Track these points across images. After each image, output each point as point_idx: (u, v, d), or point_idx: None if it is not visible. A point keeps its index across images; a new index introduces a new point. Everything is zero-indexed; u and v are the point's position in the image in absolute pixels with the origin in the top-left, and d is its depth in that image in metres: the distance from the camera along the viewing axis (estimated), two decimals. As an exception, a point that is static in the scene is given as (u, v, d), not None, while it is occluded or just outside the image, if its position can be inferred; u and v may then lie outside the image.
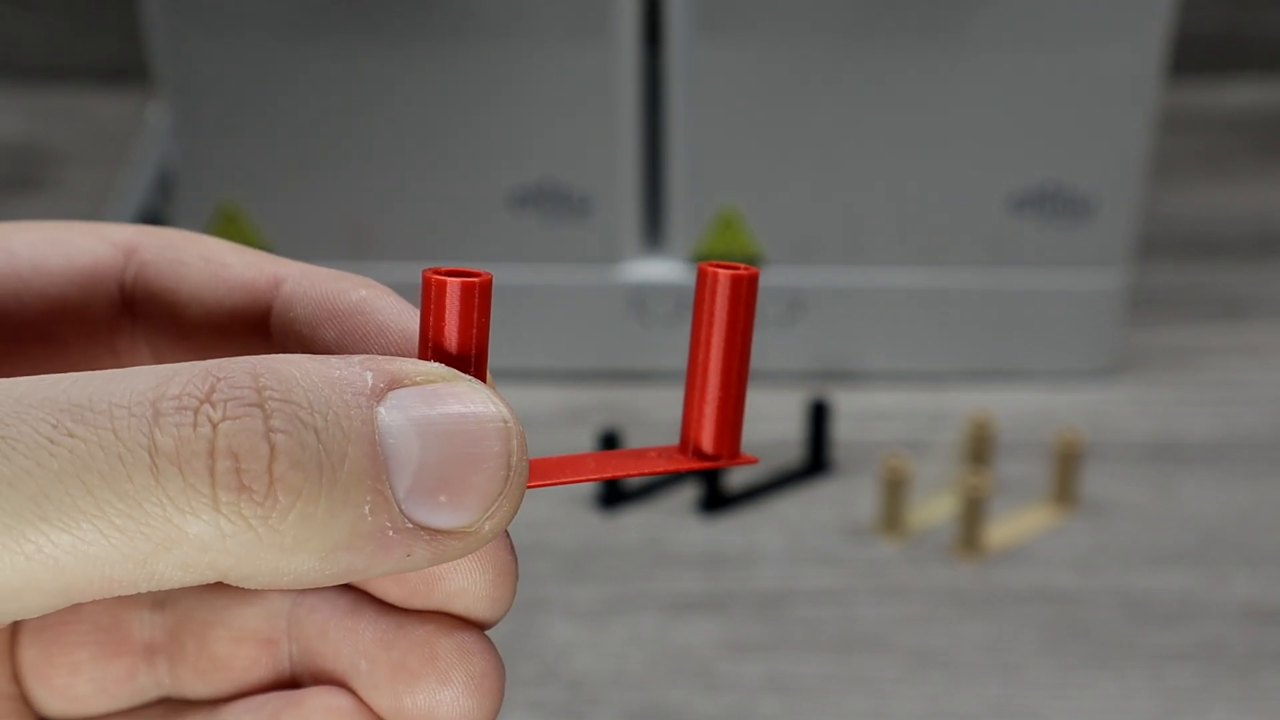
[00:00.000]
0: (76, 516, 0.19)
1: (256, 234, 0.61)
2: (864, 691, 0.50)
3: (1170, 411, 0.62)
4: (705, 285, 0.23)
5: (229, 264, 0.26)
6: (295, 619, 0.25)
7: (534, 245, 0.61)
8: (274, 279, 0.25)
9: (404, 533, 0.20)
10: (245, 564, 0.20)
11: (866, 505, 0.58)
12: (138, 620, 0.26)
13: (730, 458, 0.24)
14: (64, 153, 0.79)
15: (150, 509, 0.19)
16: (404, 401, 0.20)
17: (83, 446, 0.19)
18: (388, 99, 0.58)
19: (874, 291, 0.62)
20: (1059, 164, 0.59)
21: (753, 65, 0.57)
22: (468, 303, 0.22)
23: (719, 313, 0.23)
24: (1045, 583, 0.54)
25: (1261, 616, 0.53)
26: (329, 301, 0.24)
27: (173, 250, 0.26)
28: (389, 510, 0.20)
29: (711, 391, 0.24)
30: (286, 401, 0.20)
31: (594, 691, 0.50)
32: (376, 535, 0.20)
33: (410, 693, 0.23)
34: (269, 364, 0.20)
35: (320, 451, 0.19)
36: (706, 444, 0.24)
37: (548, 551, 0.56)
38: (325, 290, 0.25)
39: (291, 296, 0.25)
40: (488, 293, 0.22)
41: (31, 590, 0.19)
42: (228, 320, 0.26)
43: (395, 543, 0.20)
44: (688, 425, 0.24)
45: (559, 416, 0.62)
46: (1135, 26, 0.55)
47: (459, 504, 0.21)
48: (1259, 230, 0.73)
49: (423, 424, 0.20)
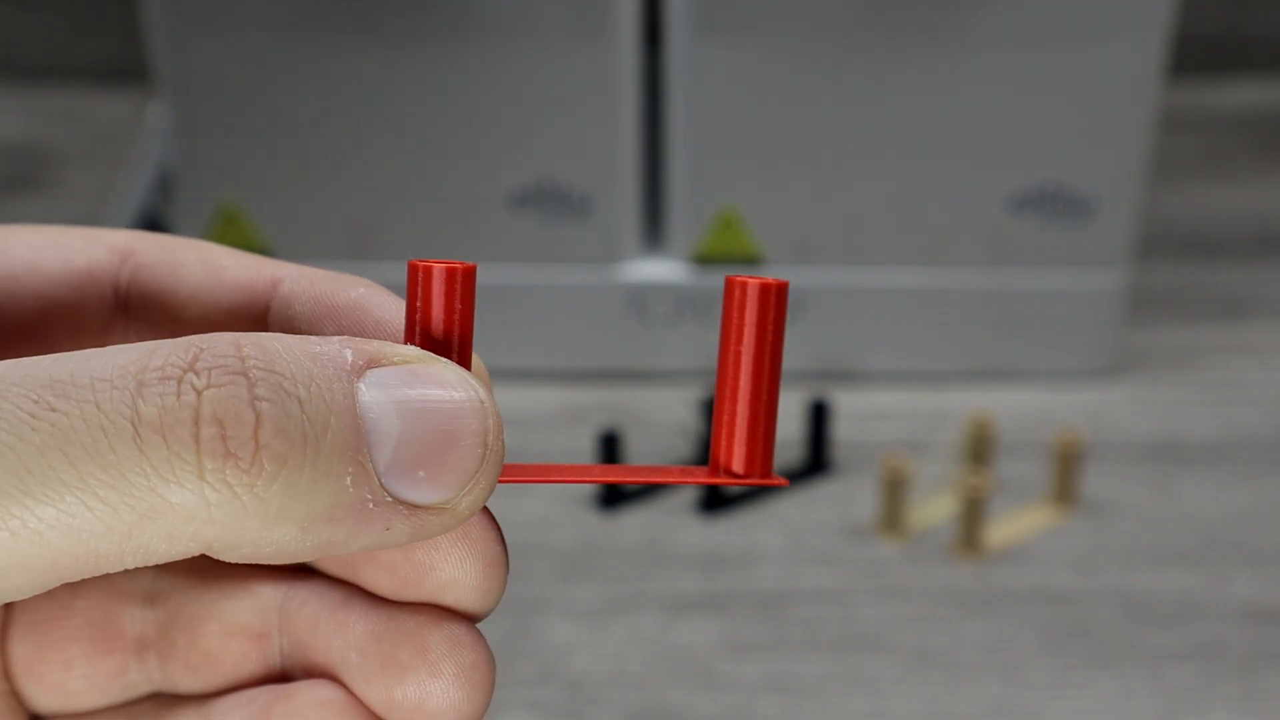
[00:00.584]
0: (60, 489, 0.19)
1: (256, 234, 0.61)
2: (864, 691, 0.50)
3: (1170, 411, 0.62)
4: (733, 297, 0.23)
5: (226, 266, 0.26)
6: (286, 613, 0.25)
7: (534, 245, 0.61)
8: (271, 280, 0.26)
9: (383, 506, 0.21)
10: (229, 534, 0.20)
11: (866, 505, 0.58)
12: (129, 615, 0.26)
13: (761, 477, 0.23)
14: (64, 153, 0.79)
15: (134, 479, 0.19)
16: (383, 379, 0.21)
17: (65, 420, 0.19)
18: (388, 99, 0.58)
19: (874, 291, 0.62)
20: (1059, 164, 0.59)
21: (753, 65, 0.57)
22: (451, 289, 0.22)
23: (748, 325, 0.23)
24: (1045, 583, 0.54)
25: (1261, 616, 0.53)
26: (327, 299, 0.25)
27: (170, 253, 0.26)
28: (369, 483, 0.20)
29: (741, 408, 0.23)
30: (270, 371, 0.20)
31: (594, 691, 0.50)
32: (357, 507, 0.20)
33: (400, 685, 0.24)
34: (251, 337, 0.20)
35: (304, 421, 0.20)
36: (736, 463, 0.23)
37: (547, 551, 0.56)
38: (323, 289, 0.25)
39: (290, 295, 0.25)
40: (471, 280, 0.22)
41: (18, 568, 0.19)
42: (226, 320, 0.26)
43: (375, 516, 0.21)
44: (717, 443, 0.24)
45: (559, 416, 0.62)
46: (1135, 26, 0.55)
47: (437, 480, 0.21)
48: (1259, 230, 0.73)
49: (402, 401, 0.21)
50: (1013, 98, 0.57)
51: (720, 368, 0.23)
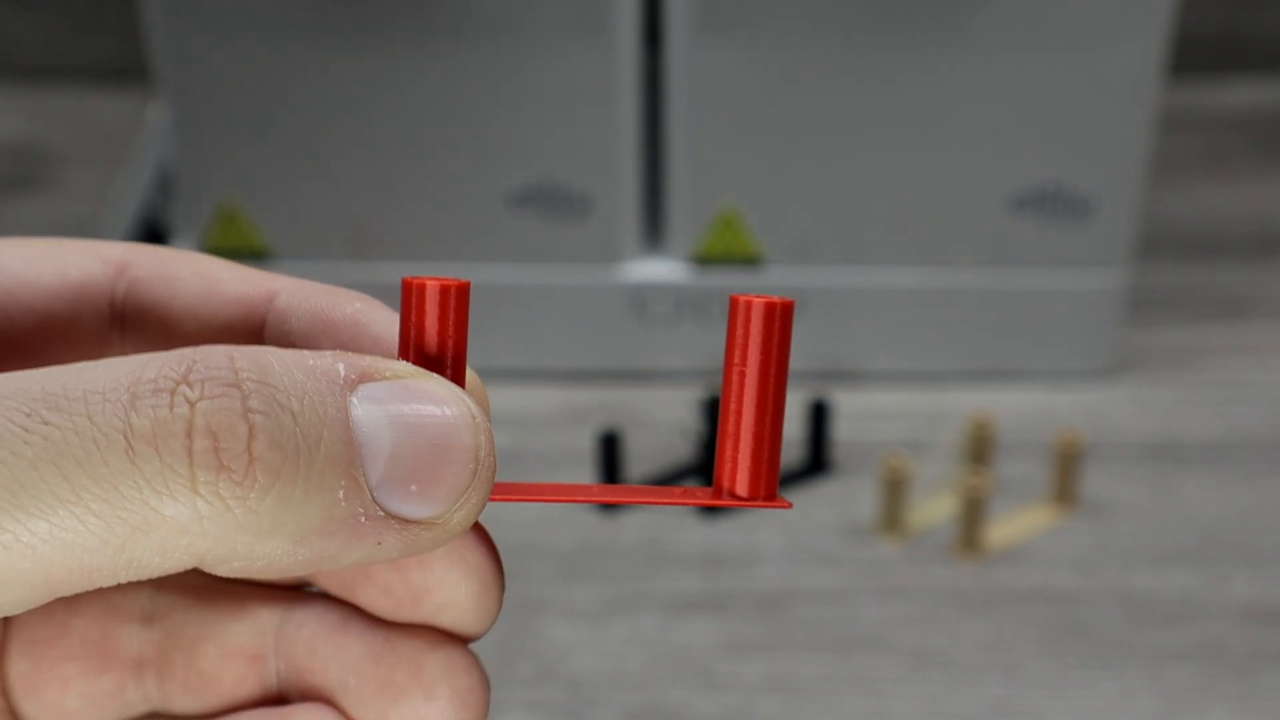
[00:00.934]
0: (52, 503, 0.19)
1: (256, 234, 0.61)
2: (864, 691, 0.50)
3: (1170, 411, 0.62)
4: (737, 316, 0.23)
5: (222, 279, 0.26)
6: (283, 635, 0.25)
7: (534, 245, 0.61)
8: (267, 293, 0.26)
9: (375, 520, 0.21)
10: (221, 547, 0.20)
11: (866, 505, 0.58)
12: (126, 634, 0.26)
13: (766, 499, 0.23)
14: (64, 153, 0.79)
15: (127, 492, 0.19)
16: (375, 394, 0.21)
17: (57, 433, 0.19)
18: (388, 99, 0.58)
19: (874, 291, 0.62)
20: (1059, 164, 0.59)
21: (753, 65, 0.57)
22: (444, 306, 0.22)
23: (752, 345, 0.23)
24: (1045, 583, 0.54)
25: (1261, 616, 0.53)
26: (324, 314, 0.25)
27: (165, 265, 0.26)
28: (362, 497, 0.20)
29: (745, 429, 0.23)
30: (263, 384, 0.20)
31: (594, 691, 0.50)
32: (349, 521, 0.20)
33: (396, 708, 0.24)
34: (244, 350, 0.20)
35: (297, 434, 0.20)
36: (740, 485, 0.23)
37: (547, 552, 0.56)
38: (320, 303, 0.25)
39: (286, 309, 0.25)
40: (465, 297, 0.22)
41: (11, 582, 0.19)
42: (221, 334, 0.26)
43: (367, 530, 0.21)
44: (720, 463, 0.23)
45: (559, 416, 0.62)
46: (1135, 26, 0.55)
47: (429, 495, 0.21)
48: (1259, 230, 0.73)
49: (395, 416, 0.21)
50: (1013, 98, 0.57)
51: (724, 387, 0.23)
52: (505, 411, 0.62)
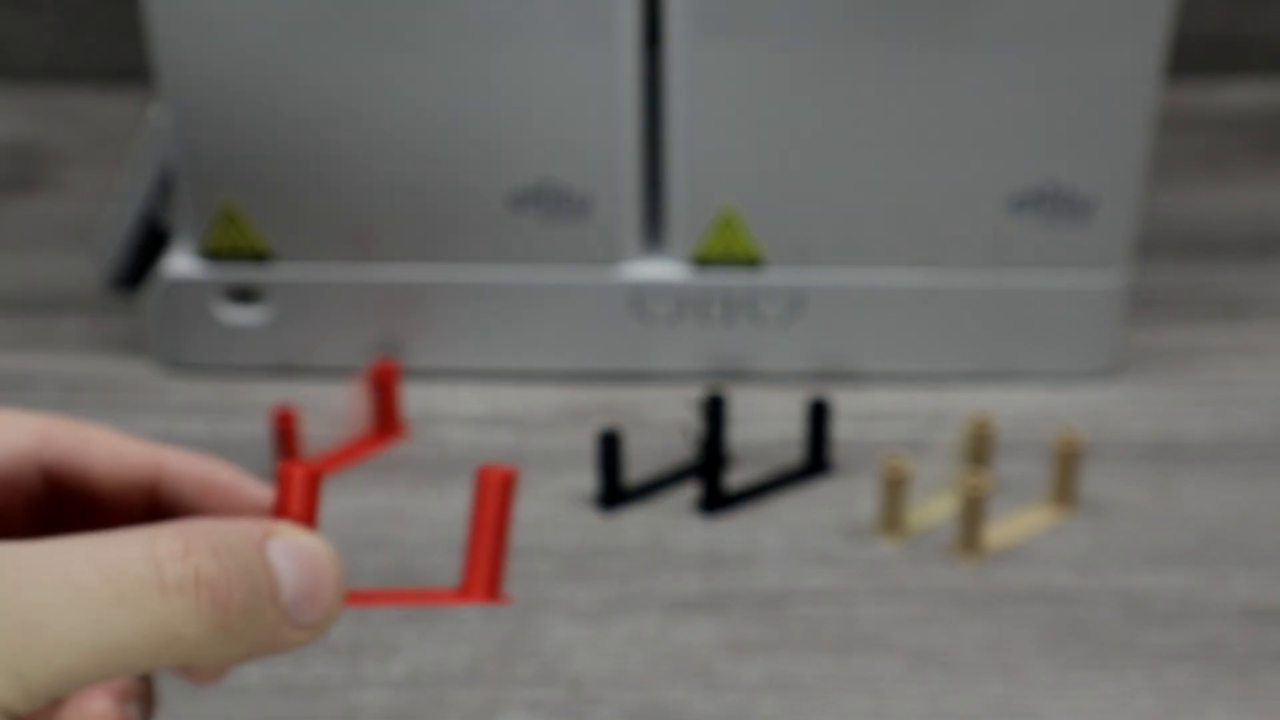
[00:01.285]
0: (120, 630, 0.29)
1: (256, 234, 0.61)
2: (864, 691, 0.50)
3: (1170, 411, 0.62)
4: (477, 482, 0.34)
5: (124, 452, 0.36)
6: None
7: (534, 245, 0.61)
8: (157, 462, 0.36)
9: (289, 628, 0.31)
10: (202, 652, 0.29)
11: (866, 505, 0.58)
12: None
13: (489, 598, 0.34)
14: (64, 153, 0.79)
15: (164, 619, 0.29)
16: (279, 546, 0.31)
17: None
18: (387, 99, 0.58)
19: (873, 292, 0.62)
20: (1059, 164, 0.59)
21: (753, 65, 0.57)
22: (309, 485, 0.34)
23: (480, 499, 0.34)
24: (1045, 583, 0.54)
25: (1261, 616, 0.53)
26: (207, 479, 0.37)
27: (79, 439, 0.36)
28: (282, 614, 0.30)
29: (481, 553, 0.34)
30: (229, 550, 0.30)
31: (594, 691, 0.50)
32: (276, 630, 0.30)
33: None
34: (212, 528, 0.30)
35: (251, 578, 0.30)
36: (476, 589, 0.34)
37: (547, 551, 0.56)
38: (200, 470, 0.37)
39: (176, 475, 0.37)
40: (318, 478, 0.34)
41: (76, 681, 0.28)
42: (129, 491, 0.36)
43: (284, 635, 0.31)
44: (466, 571, 0.34)
45: (559, 416, 0.62)
46: (1135, 26, 0.55)
47: (317, 609, 0.31)
48: (1259, 230, 0.73)
49: (295, 560, 0.31)
50: (1012, 98, 0.57)
51: (470, 528, 0.34)
52: (505, 411, 0.62)
